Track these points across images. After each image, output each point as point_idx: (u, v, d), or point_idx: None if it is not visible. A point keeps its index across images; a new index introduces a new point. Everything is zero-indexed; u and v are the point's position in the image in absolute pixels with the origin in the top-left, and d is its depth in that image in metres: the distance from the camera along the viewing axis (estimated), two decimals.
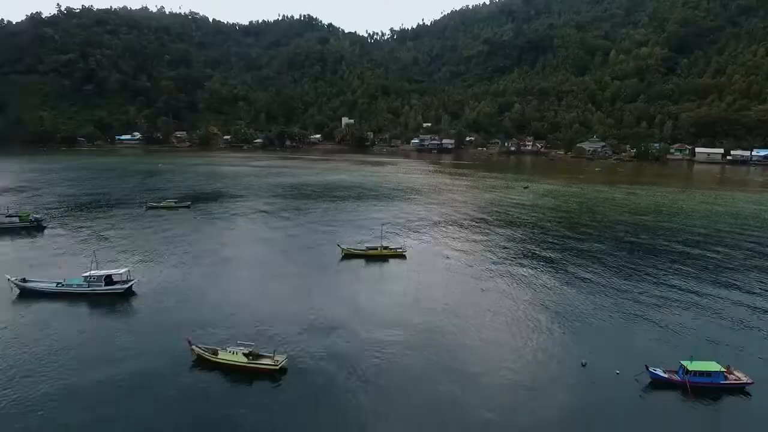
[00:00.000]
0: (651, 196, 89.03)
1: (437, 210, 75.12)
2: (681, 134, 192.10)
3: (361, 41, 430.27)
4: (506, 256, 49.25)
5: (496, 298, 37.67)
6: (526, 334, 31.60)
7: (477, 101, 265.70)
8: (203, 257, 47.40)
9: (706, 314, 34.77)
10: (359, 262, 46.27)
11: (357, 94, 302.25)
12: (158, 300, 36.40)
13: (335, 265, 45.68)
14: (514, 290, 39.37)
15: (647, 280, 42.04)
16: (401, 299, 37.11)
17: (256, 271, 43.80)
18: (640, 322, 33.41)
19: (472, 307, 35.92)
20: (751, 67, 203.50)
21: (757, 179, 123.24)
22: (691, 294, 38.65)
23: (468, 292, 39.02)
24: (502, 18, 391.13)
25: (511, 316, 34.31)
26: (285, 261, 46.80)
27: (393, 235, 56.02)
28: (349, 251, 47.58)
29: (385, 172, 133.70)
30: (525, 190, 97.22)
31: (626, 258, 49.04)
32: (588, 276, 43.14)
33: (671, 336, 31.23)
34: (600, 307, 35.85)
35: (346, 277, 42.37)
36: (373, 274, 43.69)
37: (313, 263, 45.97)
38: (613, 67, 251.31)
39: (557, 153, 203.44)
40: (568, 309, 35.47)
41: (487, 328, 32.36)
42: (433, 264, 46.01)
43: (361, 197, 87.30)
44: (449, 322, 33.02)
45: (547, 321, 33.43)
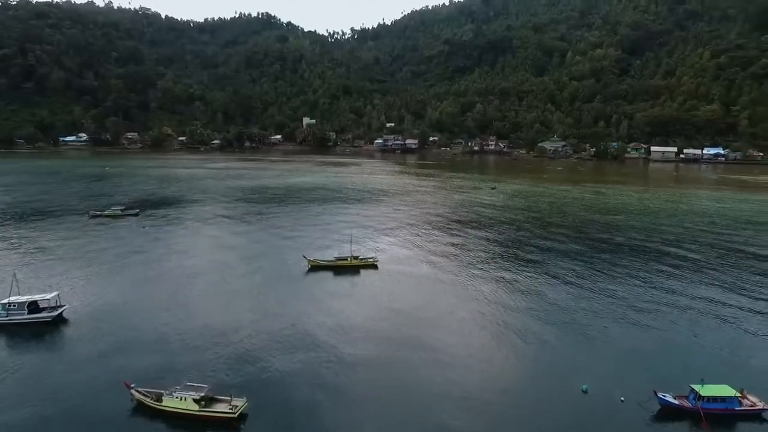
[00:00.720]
0: (617, 196, 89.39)
1: (407, 213, 72.02)
2: (636, 133, 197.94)
3: (321, 40, 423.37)
4: (485, 262, 46.56)
5: (479, 310, 34.69)
6: (516, 352, 28.72)
7: (439, 101, 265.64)
8: (151, 274, 42.21)
9: (705, 321, 32.98)
10: (327, 274, 42.33)
11: (318, 94, 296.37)
12: (94, 329, 31.25)
13: (301, 279, 41.56)
14: (498, 300, 36.53)
15: (637, 284, 40.30)
16: (376, 317, 33.53)
17: (211, 288, 39.12)
18: (638, 333, 31.17)
19: (455, 322, 32.81)
20: (698, 69, 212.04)
21: (711, 177, 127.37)
22: (684, 298, 36.99)
23: (449, 304, 35.88)
24: (462, 19, 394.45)
25: (498, 331, 31.40)
26: (245, 276, 42.24)
27: (363, 241, 52.36)
28: (316, 263, 43.52)
29: (350, 174, 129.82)
30: (493, 190, 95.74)
31: (609, 259, 47.37)
32: (574, 280, 40.98)
33: (674, 350, 28.99)
34: (594, 316, 33.54)
35: (313, 293, 38.30)
36: (344, 288, 39.83)
37: (276, 278, 41.65)
38: (570, 68, 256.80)
39: (520, 152, 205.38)
40: (560, 319, 32.92)
41: (472, 347, 29.27)
42: (408, 274, 42.66)
43: (326, 200, 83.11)
44: (430, 342, 29.70)
45: (538, 335, 30.70)
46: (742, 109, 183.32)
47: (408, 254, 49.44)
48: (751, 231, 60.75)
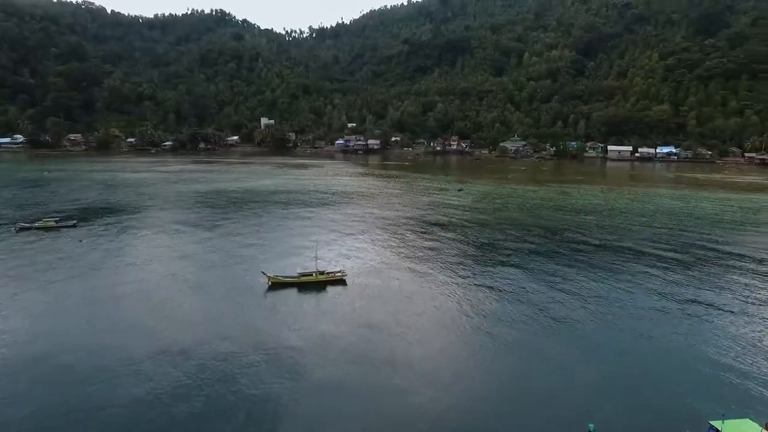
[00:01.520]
0: (584, 196, 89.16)
1: (374, 217, 68.41)
2: (593, 133, 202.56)
3: (278, 39, 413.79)
4: (461, 270, 43.58)
5: (464, 329, 31.51)
6: (510, 382, 25.68)
7: (400, 101, 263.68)
8: (84, 298, 36.63)
9: (712, 333, 31.08)
10: (290, 292, 38.06)
11: (276, 94, 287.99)
12: (9, 372, 25.88)
13: (261, 298, 37.14)
14: (485, 316, 33.47)
15: (630, 289, 38.34)
16: (344, 341, 29.76)
17: (155, 313, 34.04)
18: (645, 348, 28.82)
19: (439, 347, 29.46)
20: (648, 70, 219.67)
21: (667, 175, 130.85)
22: (687, 305, 35.12)
23: (425, 322, 32.55)
24: (420, 18, 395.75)
25: (488, 355, 28.32)
26: (196, 296, 37.39)
27: (329, 252, 48.26)
28: (277, 280, 39.11)
29: (311, 176, 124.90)
30: (460, 192, 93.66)
31: (590, 262, 45.43)
32: (566, 287, 38.64)
33: (685, 372, 26.65)
34: (593, 328, 30.99)
35: (275, 315, 34.01)
36: (309, 308, 35.71)
37: (232, 298, 37.01)
38: (528, 69, 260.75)
39: (482, 152, 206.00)
40: (556, 337, 30.18)
41: (459, 377, 25.99)
42: (379, 288, 39.03)
43: (288, 205, 78.27)
44: (411, 371, 26.23)
45: (532, 358, 27.80)
46: (689, 109, 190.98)
47: (378, 264, 45.83)
48: (719, 230, 60.96)
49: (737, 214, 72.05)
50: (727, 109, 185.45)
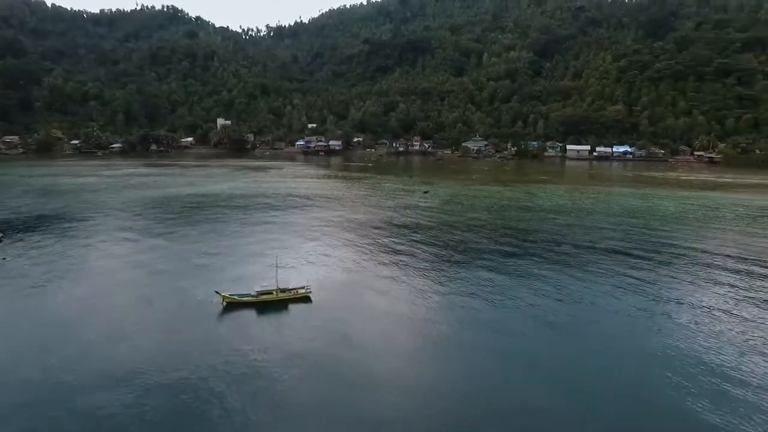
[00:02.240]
0: (550, 197, 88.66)
1: (340, 223, 64.82)
2: (552, 132, 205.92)
3: (234, 37, 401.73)
4: (435, 280, 40.80)
5: (441, 342, 28.73)
6: (490, 393, 22.92)
7: (362, 101, 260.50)
8: (9, 323, 31.37)
9: (689, 330, 29.47)
10: (248, 314, 34.04)
11: (233, 93, 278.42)
12: None
13: (214, 322, 32.93)
14: (462, 326, 30.85)
15: (607, 291, 36.53)
16: (309, 371, 26.26)
17: (92, 340, 29.39)
18: (625, 351, 26.77)
19: (420, 372, 26.42)
20: (602, 71, 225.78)
21: (626, 174, 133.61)
22: (663, 304, 33.56)
23: (410, 347, 29.48)
24: (380, 18, 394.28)
25: (465, 370, 25.54)
26: (139, 321, 32.82)
27: (292, 265, 44.29)
28: (232, 299, 34.95)
29: (271, 179, 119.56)
30: (426, 194, 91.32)
31: (568, 265, 43.70)
32: (541, 291, 36.65)
33: (668, 385, 24.83)
34: (570, 332, 28.73)
35: (230, 341, 29.95)
36: (269, 332, 31.83)
37: (181, 322, 32.67)
38: (487, 69, 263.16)
39: (444, 152, 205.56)
40: (535, 342, 27.73)
41: (445, 413, 23.03)
42: (350, 304, 35.68)
43: (246, 211, 73.41)
44: (385, 395, 23.06)
45: (527, 387, 25.18)
46: (642, 109, 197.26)
47: (346, 276, 42.44)
48: (686, 228, 61.14)
49: (699, 213, 73.01)
50: (676, 109, 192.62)
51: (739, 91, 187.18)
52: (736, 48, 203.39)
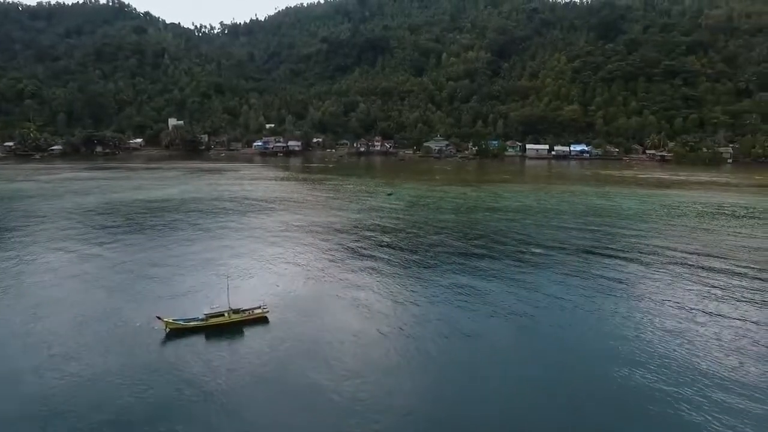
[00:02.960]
0: (515, 197, 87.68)
1: (300, 229, 60.78)
2: (511, 132, 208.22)
3: (186, 34, 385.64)
4: (404, 285, 38.08)
5: (422, 370, 25.65)
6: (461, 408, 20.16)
7: (321, 100, 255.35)
8: None
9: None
10: (195, 341, 29.82)
11: (186, 92, 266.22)
12: None
13: (154, 352, 28.52)
14: (445, 348, 27.82)
15: (582, 293, 34.52)
16: (271, 409, 22.58)
17: (2, 373, 24.53)
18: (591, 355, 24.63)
19: (392, 392, 23.23)
20: (558, 72, 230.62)
21: (585, 173, 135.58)
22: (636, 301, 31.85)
23: (379, 366, 26.24)
24: (338, 17, 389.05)
25: (452, 408, 22.54)
26: (64, 352, 27.98)
27: (246, 281, 40.14)
28: (176, 325, 30.56)
29: (227, 182, 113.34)
30: (390, 196, 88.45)
31: (541, 267, 41.70)
32: (513, 297, 34.20)
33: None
34: (568, 341, 26.36)
35: (168, 377, 25.72)
36: (219, 364, 27.70)
37: (113, 353, 28.06)
38: (446, 69, 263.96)
39: (406, 152, 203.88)
40: (530, 370, 25.17)
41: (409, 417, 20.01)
42: (313, 324, 32.08)
43: (197, 219, 68.01)
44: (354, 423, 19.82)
45: (503, 400, 22.47)
46: (597, 109, 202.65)
47: (308, 289, 38.73)
48: (653, 227, 61.07)
49: (661, 211, 73.69)
50: (628, 109, 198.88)
51: (685, 92, 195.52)
52: (681, 51, 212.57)
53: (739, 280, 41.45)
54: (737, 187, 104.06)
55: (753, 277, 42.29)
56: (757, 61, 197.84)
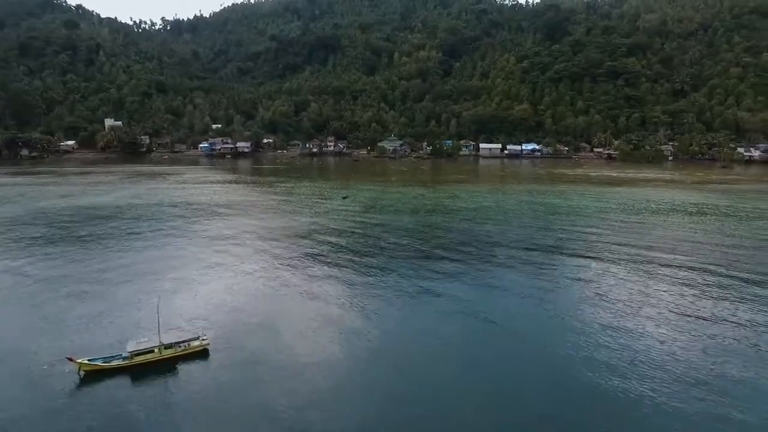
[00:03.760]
0: (473, 198, 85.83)
1: (249, 240, 55.68)
2: (464, 131, 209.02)
3: (124, 29, 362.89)
4: (365, 301, 34.46)
5: (387, 397, 22.06)
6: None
7: (271, 100, 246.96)
8: None
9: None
10: (117, 384, 24.80)
11: (124, 91, 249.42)
12: None
13: (63, 403, 23.32)
14: (398, 366, 24.33)
15: (563, 296, 32.18)
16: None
17: None
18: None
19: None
20: (507, 72, 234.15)
21: (539, 172, 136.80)
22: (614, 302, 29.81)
23: (342, 403, 22.35)
24: (287, 15, 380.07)
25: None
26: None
27: (183, 305, 35.08)
28: (92, 366, 25.38)
29: (169, 187, 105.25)
30: (345, 200, 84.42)
31: (516, 270, 39.18)
32: (483, 308, 31.16)
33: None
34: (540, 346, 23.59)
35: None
36: (147, 416, 22.94)
37: (11, 406, 22.65)
38: (399, 68, 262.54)
39: (360, 153, 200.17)
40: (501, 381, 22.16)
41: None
42: (266, 356, 27.75)
43: (131, 229, 61.27)
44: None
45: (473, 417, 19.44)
46: (546, 108, 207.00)
47: (258, 310, 34.22)
48: (612, 225, 60.59)
49: (618, 209, 74.01)
50: (575, 108, 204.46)
51: (628, 92, 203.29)
52: (622, 52, 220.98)
53: (697, 275, 42.00)
54: (682, 183, 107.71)
55: (710, 272, 42.76)
56: (690, 63, 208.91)
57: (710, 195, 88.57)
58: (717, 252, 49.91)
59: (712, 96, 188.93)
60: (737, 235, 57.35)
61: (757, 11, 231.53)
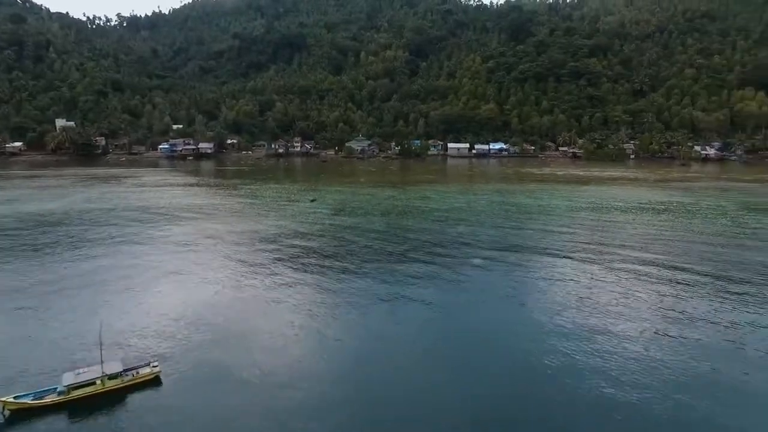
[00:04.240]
0: (444, 199, 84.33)
1: (210, 247, 52.10)
2: (432, 131, 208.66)
3: (77, 25, 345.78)
4: (346, 316, 31.82)
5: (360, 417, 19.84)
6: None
7: (234, 99, 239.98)
8: None
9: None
10: (50, 423, 21.45)
11: (77, 90, 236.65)
12: None
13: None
14: (370, 391, 22.09)
15: (540, 297, 30.64)
16: None
17: None
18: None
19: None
20: (474, 72, 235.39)
21: (507, 171, 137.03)
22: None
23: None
24: (250, 12, 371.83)
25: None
26: None
27: (134, 322, 31.67)
28: (19, 405, 21.93)
29: (125, 191, 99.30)
30: (313, 203, 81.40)
31: (494, 272, 37.63)
32: (465, 316, 29.16)
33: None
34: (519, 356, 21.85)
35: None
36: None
37: None
38: (366, 68, 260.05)
39: (328, 153, 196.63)
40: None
41: None
42: (226, 380, 24.90)
43: (77, 239, 56.43)
44: None
45: None
46: (512, 108, 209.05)
47: (218, 331, 31.14)
48: (584, 224, 60.23)
49: (588, 208, 74.10)
50: (540, 108, 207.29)
51: (590, 92, 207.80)
52: (583, 53, 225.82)
53: (671, 273, 42.18)
54: (646, 181, 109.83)
55: (684, 269, 42.84)
56: (647, 64, 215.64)
57: (674, 193, 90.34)
58: (688, 249, 50.13)
59: (670, 96, 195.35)
60: (705, 232, 58.02)
61: (707, 15, 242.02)
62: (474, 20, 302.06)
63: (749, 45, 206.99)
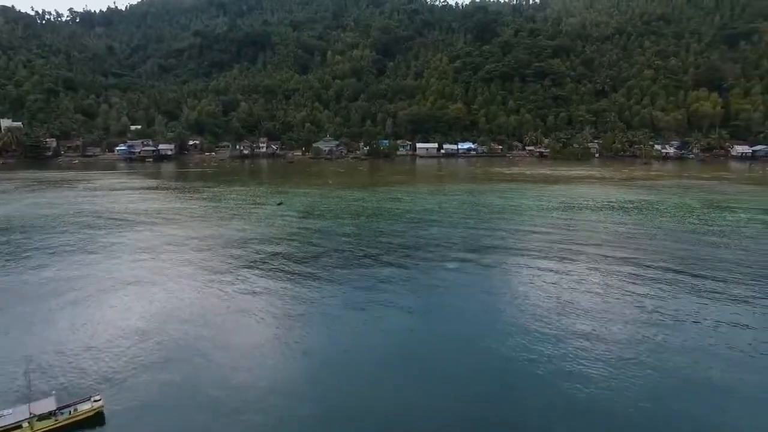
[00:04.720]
0: (415, 200, 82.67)
1: (170, 258, 48.33)
2: (401, 131, 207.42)
3: (24, 20, 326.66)
4: (314, 332, 29.23)
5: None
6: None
7: (196, 99, 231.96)
8: None
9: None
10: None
11: (25, 88, 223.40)
12: None
13: None
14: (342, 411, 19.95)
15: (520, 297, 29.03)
16: None
17: None
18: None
19: None
20: (441, 72, 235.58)
21: (476, 171, 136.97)
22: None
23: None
24: (212, 10, 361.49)
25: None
26: None
27: (72, 346, 28.14)
28: None
29: (77, 196, 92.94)
30: (280, 206, 78.07)
31: (465, 272, 35.81)
32: (446, 325, 27.23)
33: None
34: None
35: None
36: None
37: None
38: (332, 67, 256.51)
39: (295, 154, 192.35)
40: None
41: None
42: (180, 406, 22.09)
43: (19, 248, 51.57)
44: None
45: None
46: (479, 108, 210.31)
47: (175, 349, 28.11)
48: (556, 223, 59.62)
49: (559, 208, 73.97)
50: (507, 107, 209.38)
51: (554, 92, 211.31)
52: (547, 54, 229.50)
53: (645, 271, 42.07)
54: (612, 180, 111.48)
55: (660, 267, 42.63)
56: (608, 65, 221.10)
57: (641, 191, 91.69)
58: (660, 248, 50.18)
59: (630, 96, 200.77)
60: (675, 230, 58.46)
61: (663, 18, 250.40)
62: (440, 20, 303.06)
63: (702, 47, 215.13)
